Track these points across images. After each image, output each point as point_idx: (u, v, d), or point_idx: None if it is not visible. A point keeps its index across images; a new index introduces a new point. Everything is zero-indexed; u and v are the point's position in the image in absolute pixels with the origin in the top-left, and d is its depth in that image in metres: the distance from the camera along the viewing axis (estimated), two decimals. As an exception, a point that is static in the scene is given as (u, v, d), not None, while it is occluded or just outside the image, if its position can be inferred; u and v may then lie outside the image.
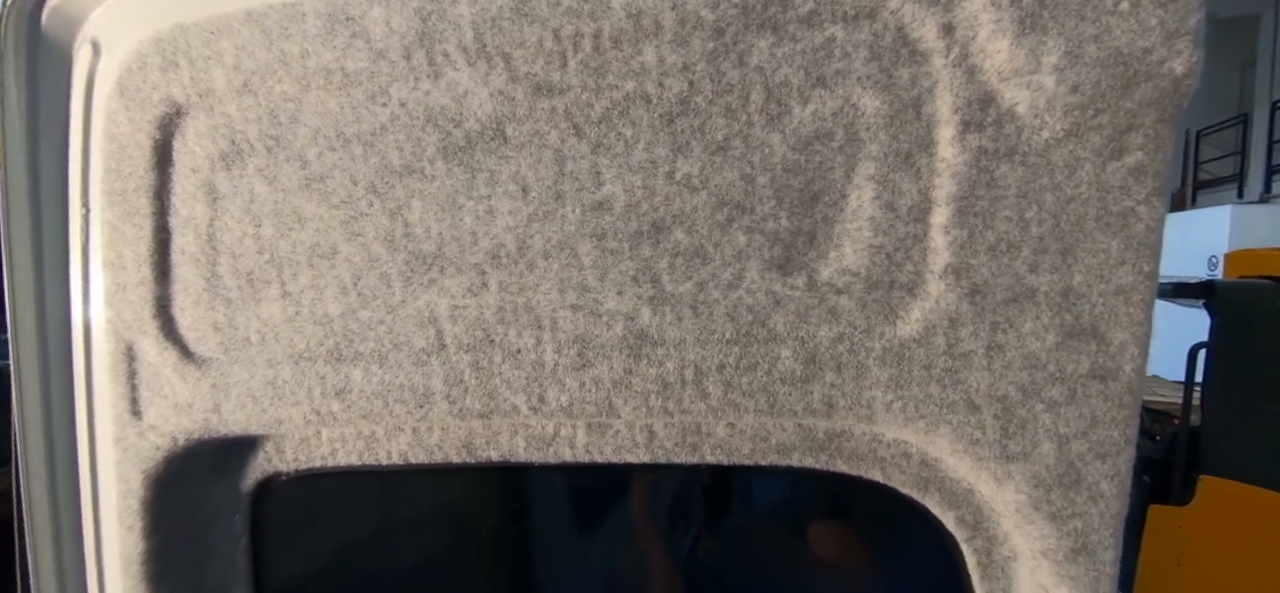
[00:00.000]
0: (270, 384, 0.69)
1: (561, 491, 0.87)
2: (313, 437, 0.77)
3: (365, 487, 0.86)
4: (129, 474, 0.74)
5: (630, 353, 0.61)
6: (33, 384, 0.76)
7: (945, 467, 0.64)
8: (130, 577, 0.77)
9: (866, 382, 0.58)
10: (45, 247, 0.73)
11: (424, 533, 0.91)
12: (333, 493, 0.85)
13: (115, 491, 0.75)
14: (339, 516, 0.88)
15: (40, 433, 0.77)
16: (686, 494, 0.94)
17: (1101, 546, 0.57)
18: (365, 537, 0.88)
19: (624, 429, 0.70)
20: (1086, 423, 0.55)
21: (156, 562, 0.77)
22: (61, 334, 0.74)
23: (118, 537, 0.76)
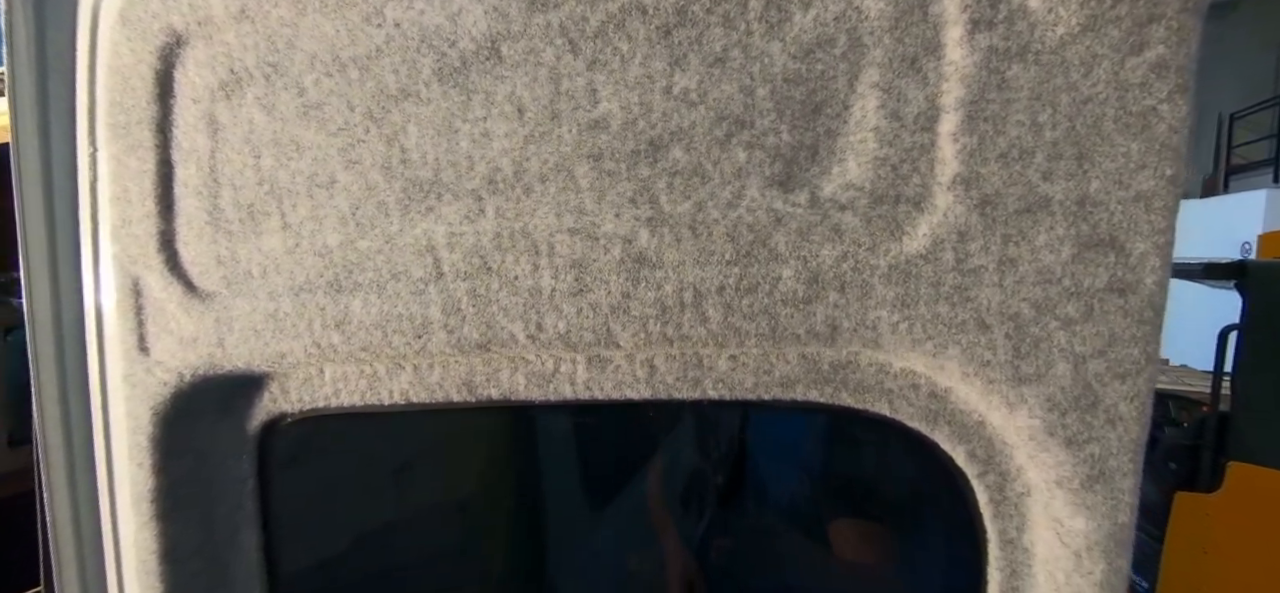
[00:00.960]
0: (271, 317, 0.69)
1: (568, 429, 0.87)
2: (315, 376, 0.77)
3: (370, 431, 0.87)
4: (138, 411, 0.75)
5: (628, 277, 0.60)
6: (46, 326, 0.78)
7: (955, 397, 0.62)
8: (141, 514, 0.78)
9: (871, 302, 0.56)
10: (55, 186, 0.74)
11: (427, 480, 0.92)
12: (338, 435, 0.85)
13: (126, 428, 0.76)
14: (345, 458, 0.88)
15: (54, 373, 0.78)
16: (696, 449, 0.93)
17: (1120, 472, 0.55)
18: (370, 481, 0.89)
19: (624, 364, 0.69)
20: (1104, 341, 0.53)
21: (166, 499, 0.78)
22: (72, 273, 0.75)
23: (129, 474, 0.77)
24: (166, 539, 0.79)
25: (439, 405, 0.76)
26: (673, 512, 1.02)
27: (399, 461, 0.89)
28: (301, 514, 0.88)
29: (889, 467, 0.77)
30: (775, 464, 1.06)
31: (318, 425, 0.83)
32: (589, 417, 0.82)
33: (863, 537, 0.85)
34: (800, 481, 0.99)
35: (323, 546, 0.92)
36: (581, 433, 0.87)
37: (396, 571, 1.07)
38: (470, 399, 0.74)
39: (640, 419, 0.82)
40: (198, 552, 0.82)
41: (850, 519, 0.84)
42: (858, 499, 0.85)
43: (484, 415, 0.84)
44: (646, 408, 0.84)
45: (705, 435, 0.96)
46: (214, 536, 0.84)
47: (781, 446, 0.97)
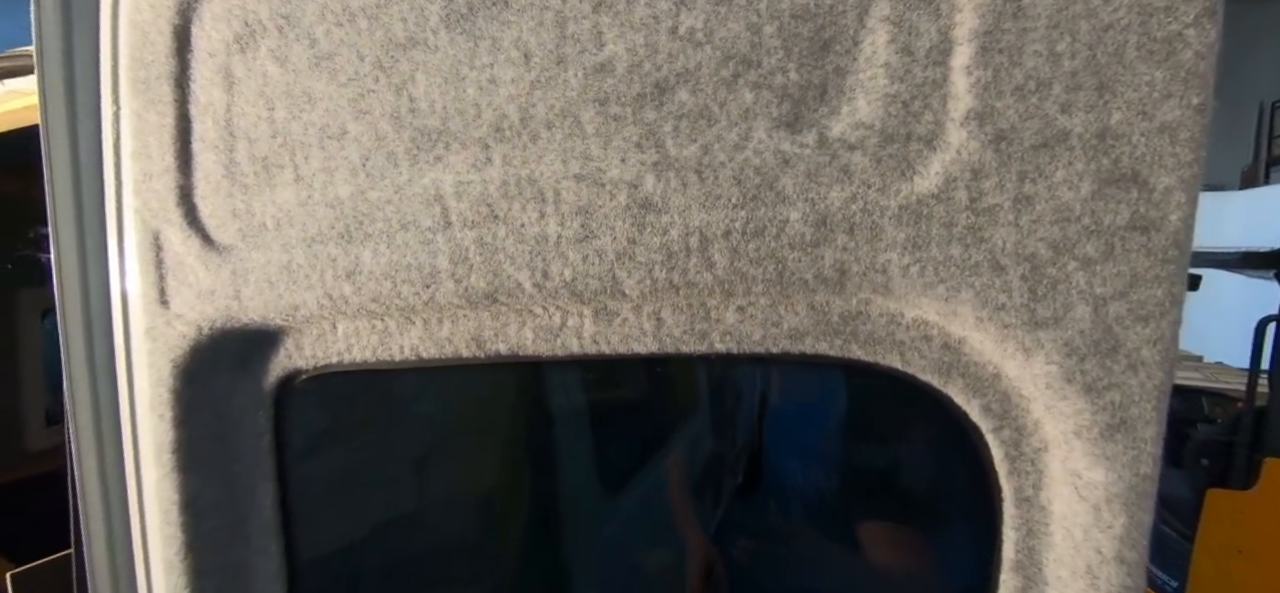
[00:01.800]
0: (285, 269, 0.70)
1: (577, 386, 0.87)
2: (329, 331, 0.78)
3: (383, 389, 0.88)
4: (159, 364, 0.78)
5: (634, 222, 0.60)
6: (73, 284, 0.80)
7: (969, 347, 0.60)
8: (163, 466, 0.80)
9: (881, 244, 0.55)
10: (81, 146, 0.76)
11: (439, 440, 0.93)
12: (352, 392, 0.87)
13: (148, 381, 0.79)
14: (359, 414, 0.90)
15: (81, 329, 0.81)
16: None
17: (1142, 420, 0.53)
18: (384, 437, 0.90)
19: (630, 316, 0.68)
20: (1126, 282, 0.51)
21: (186, 452, 0.80)
22: (97, 230, 0.77)
23: (151, 427, 0.80)
24: (187, 491, 0.81)
25: (448, 361, 0.77)
26: (687, 482, 1.01)
27: (410, 419, 0.90)
28: (317, 471, 0.90)
29: (898, 430, 0.76)
30: (785, 433, 1.05)
31: (332, 382, 0.84)
32: (596, 373, 0.82)
33: (874, 506, 0.84)
34: (811, 453, 0.98)
35: (338, 503, 0.93)
36: (592, 391, 0.87)
37: (412, 535, 1.08)
38: (479, 355, 0.75)
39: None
40: (217, 505, 0.85)
41: (863, 488, 0.82)
42: (870, 467, 0.83)
43: (497, 380, 0.85)
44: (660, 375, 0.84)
45: (718, 402, 0.96)
46: (233, 490, 0.86)
47: (791, 415, 0.96)
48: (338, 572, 0.95)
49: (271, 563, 0.89)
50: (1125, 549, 0.55)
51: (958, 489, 0.72)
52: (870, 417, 0.81)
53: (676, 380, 0.91)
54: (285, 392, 0.85)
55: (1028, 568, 0.63)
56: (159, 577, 0.86)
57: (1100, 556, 0.56)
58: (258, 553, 0.89)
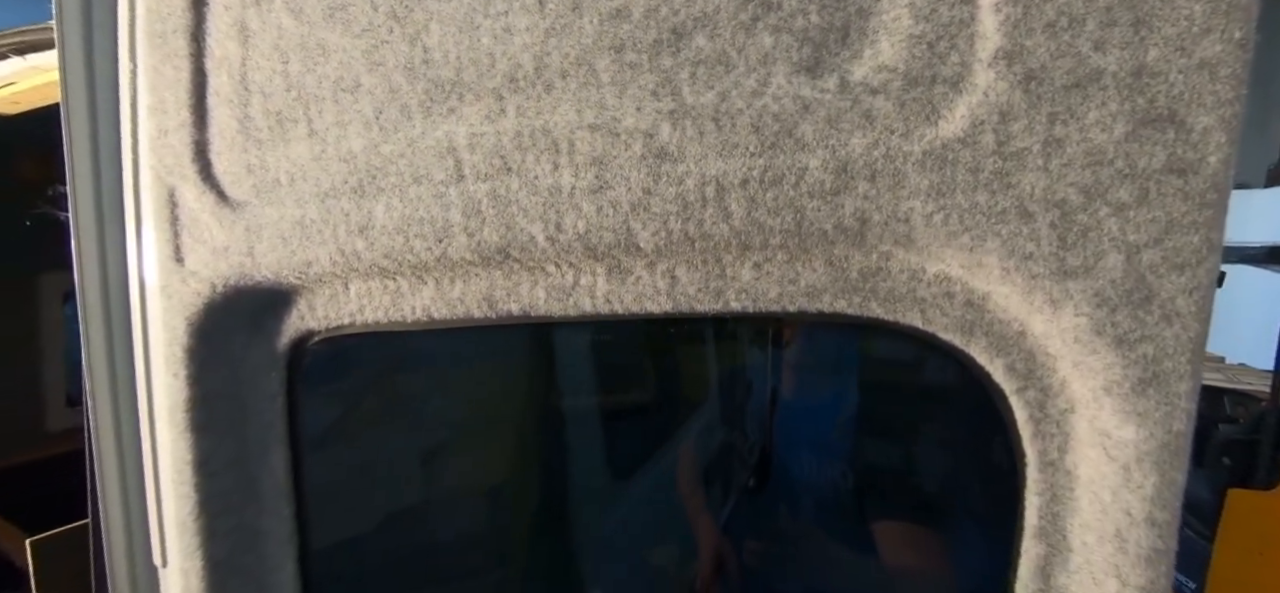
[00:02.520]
0: (298, 225, 0.70)
1: (585, 344, 0.86)
2: (341, 292, 0.78)
3: (396, 352, 0.88)
4: (174, 322, 0.78)
5: (649, 172, 0.59)
6: (91, 242, 0.81)
7: (993, 304, 0.58)
8: (176, 425, 0.81)
9: (904, 191, 0.53)
10: (98, 103, 0.77)
11: (454, 409, 0.93)
12: (364, 354, 0.87)
13: (162, 339, 0.79)
14: (371, 377, 0.90)
15: (98, 289, 0.82)
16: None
17: (1176, 374, 0.51)
18: (396, 400, 0.90)
19: (644, 274, 0.67)
20: (1160, 228, 0.49)
21: (200, 411, 0.81)
22: (114, 186, 0.78)
23: (165, 384, 0.80)
24: (200, 451, 0.82)
25: (460, 322, 0.76)
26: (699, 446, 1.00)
27: (422, 383, 0.90)
28: (330, 436, 0.90)
29: (916, 394, 0.74)
30: (796, 406, 1.04)
31: (344, 344, 0.84)
32: (607, 333, 0.81)
33: (889, 478, 0.82)
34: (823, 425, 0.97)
35: (350, 470, 0.94)
36: (599, 349, 0.87)
37: (424, 510, 1.08)
38: (490, 315, 0.74)
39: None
40: (229, 466, 0.85)
41: (880, 454, 0.81)
42: (887, 432, 0.82)
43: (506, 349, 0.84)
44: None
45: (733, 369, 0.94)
46: (246, 452, 0.86)
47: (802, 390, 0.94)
48: (350, 538, 0.95)
49: (284, 526, 0.90)
50: (1156, 510, 0.53)
51: (977, 455, 0.70)
52: (886, 380, 0.79)
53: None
54: (298, 353, 0.85)
55: (1051, 535, 0.61)
56: (172, 537, 0.86)
57: (1130, 517, 0.54)
58: (270, 516, 0.89)
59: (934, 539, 0.80)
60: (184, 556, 0.85)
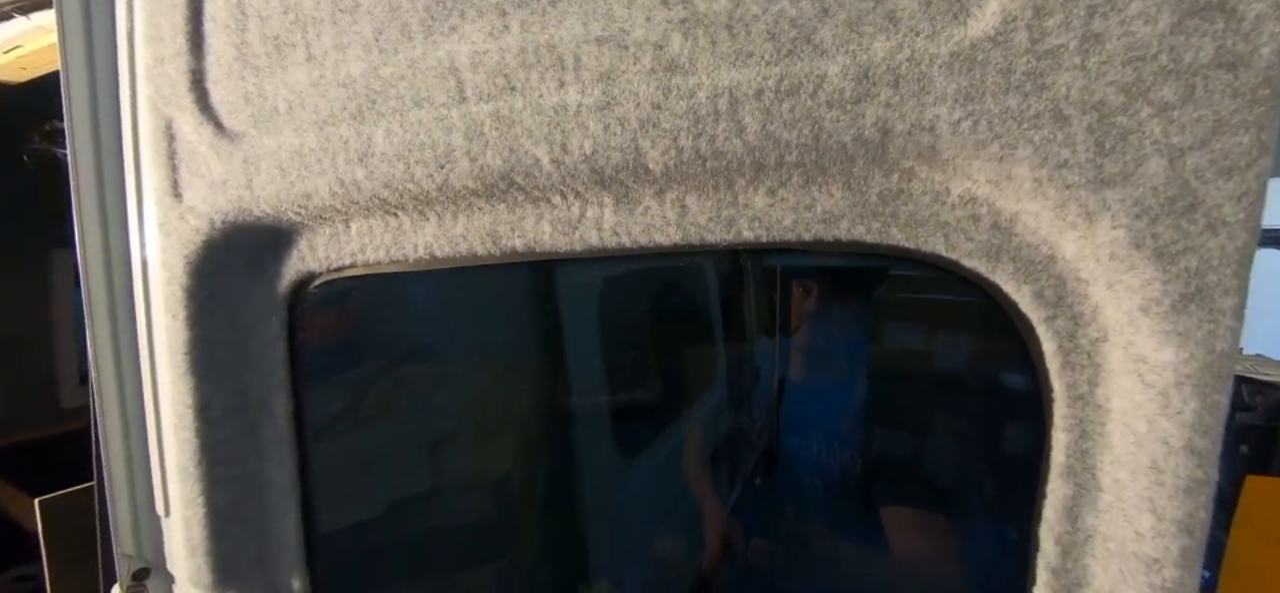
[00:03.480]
0: (297, 154, 0.68)
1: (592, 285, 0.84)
2: (341, 230, 0.76)
3: (399, 296, 0.86)
4: (173, 261, 0.76)
5: (659, 86, 0.56)
6: (89, 181, 0.79)
7: (1021, 226, 0.55)
8: (177, 367, 0.79)
9: (929, 97, 0.50)
10: (95, 34, 0.75)
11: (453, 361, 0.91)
12: (366, 297, 0.85)
13: (161, 279, 0.78)
14: (373, 321, 0.88)
15: (97, 230, 0.80)
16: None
17: (1221, 289, 0.47)
18: (399, 346, 0.88)
19: (653, 204, 0.65)
20: (1207, 129, 0.45)
21: (200, 354, 0.79)
22: (112, 119, 0.76)
23: (165, 326, 0.79)
24: (201, 395, 0.80)
25: (463, 259, 0.74)
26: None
27: (424, 327, 0.88)
28: (330, 383, 0.88)
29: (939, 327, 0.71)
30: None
31: (345, 287, 0.82)
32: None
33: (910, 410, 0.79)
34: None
35: (351, 418, 0.92)
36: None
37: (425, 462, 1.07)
38: (494, 251, 0.72)
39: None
40: (230, 413, 0.84)
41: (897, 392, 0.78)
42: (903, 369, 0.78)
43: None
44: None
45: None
46: (247, 399, 0.85)
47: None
48: (353, 490, 0.94)
49: (286, 475, 0.88)
50: (1196, 437, 0.50)
51: (1001, 391, 0.67)
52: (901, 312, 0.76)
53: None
54: (298, 297, 0.83)
55: (1079, 473, 0.58)
56: (174, 485, 0.85)
57: (1167, 447, 0.51)
58: (273, 464, 0.88)
59: (953, 487, 0.78)
60: (185, 503, 0.84)
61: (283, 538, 0.90)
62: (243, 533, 0.87)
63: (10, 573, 2.47)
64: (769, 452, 2.02)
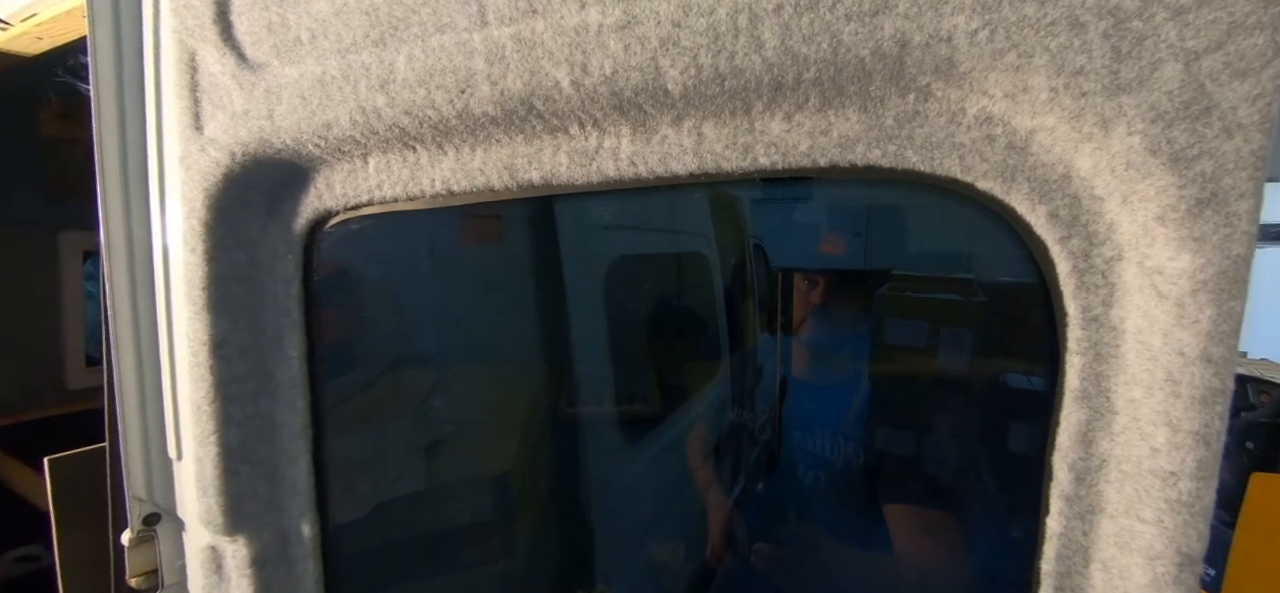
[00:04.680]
0: (319, 82, 0.69)
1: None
2: (360, 166, 0.77)
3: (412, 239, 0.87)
4: (192, 195, 0.77)
5: (679, 4, 0.57)
6: (110, 115, 0.80)
7: (1037, 144, 0.56)
8: (193, 303, 0.80)
9: (947, 7, 0.51)
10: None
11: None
12: (380, 237, 0.85)
13: (181, 213, 0.78)
14: (386, 262, 0.89)
15: (117, 165, 0.81)
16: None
17: (1236, 193, 0.48)
18: (411, 288, 0.89)
19: (670, 132, 0.66)
20: (1222, 31, 0.46)
21: (217, 289, 0.80)
22: (135, 54, 0.77)
23: (183, 261, 0.80)
24: (216, 332, 0.81)
25: (480, 194, 0.75)
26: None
27: (437, 271, 0.88)
28: (344, 318, 0.89)
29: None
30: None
31: (361, 226, 0.83)
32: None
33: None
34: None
35: (363, 360, 0.93)
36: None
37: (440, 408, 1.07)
38: (511, 185, 0.73)
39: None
40: (244, 352, 0.84)
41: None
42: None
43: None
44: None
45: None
46: (261, 339, 0.86)
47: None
48: (365, 434, 0.94)
49: (298, 418, 0.89)
50: (1212, 346, 0.50)
51: (1015, 318, 0.67)
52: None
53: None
54: (314, 237, 0.84)
55: (1094, 397, 0.58)
56: (187, 423, 0.86)
57: (1183, 357, 0.51)
58: (285, 407, 0.88)
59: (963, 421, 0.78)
60: (198, 442, 0.84)
61: (294, 483, 0.90)
62: (254, 475, 0.87)
63: (14, 553, 2.47)
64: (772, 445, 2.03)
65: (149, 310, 0.84)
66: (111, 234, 0.82)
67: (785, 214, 2.34)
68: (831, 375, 2.00)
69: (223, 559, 0.90)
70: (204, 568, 0.90)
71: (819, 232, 2.18)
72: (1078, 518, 0.60)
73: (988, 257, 1.12)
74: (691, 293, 2.70)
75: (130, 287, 0.83)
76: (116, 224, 0.82)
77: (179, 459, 0.92)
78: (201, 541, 0.90)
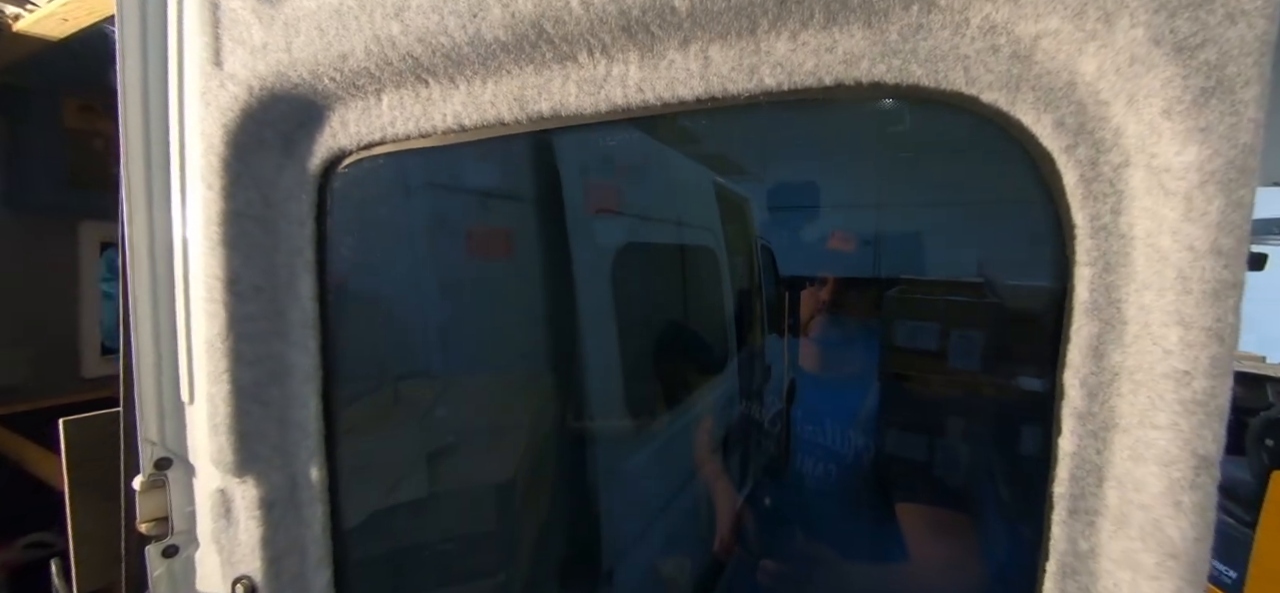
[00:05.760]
0: (335, 12, 0.71)
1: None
2: (373, 103, 0.79)
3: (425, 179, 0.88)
4: (211, 130, 0.79)
5: None
6: (134, 47, 0.83)
7: (1041, 51, 0.56)
8: (210, 238, 0.82)
9: None
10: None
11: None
12: (391, 178, 0.87)
13: (199, 149, 0.80)
14: (398, 204, 0.90)
15: (139, 98, 0.84)
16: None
17: (1241, 79, 0.48)
18: (423, 234, 0.90)
19: (677, 57, 0.67)
20: None
21: (232, 226, 0.82)
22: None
23: (200, 197, 0.81)
24: (230, 268, 0.83)
25: (490, 128, 0.77)
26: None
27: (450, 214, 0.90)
28: (355, 260, 0.90)
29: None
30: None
31: (374, 166, 0.85)
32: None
33: None
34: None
35: (375, 304, 0.94)
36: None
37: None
38: (521, 117, 0.74)
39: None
40: (258, 292, 0.86)
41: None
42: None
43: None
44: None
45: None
46: (274, 279, 0.87)
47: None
48: (375, 377, 0.95)
49: (309, 360, 0.90)
50: (1222, 237, 0.50)
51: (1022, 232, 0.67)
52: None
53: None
54: (328, 177, 0.86)
55: (1104, 309, 0.58)
56: (200, 362, 0.87)
57: (1193, 252, 0.51)
58: (297, 349, 0.90)
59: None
60: (211, 380, 0.85)
61: (303, 426, 0.91)
62: (265, 416, 0.88)
63: (26, 539, 2.49)
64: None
65: (165, 251, 0.86)
66: (131, 173, 0.84)
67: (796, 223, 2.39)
68: (840, 373, 2.00)
69: (232, 503, 0.90)
70: (213, 512, 0.91)
71: (827, 238, 2.21)
72: (1090, 436, 0.59)
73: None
74: (697, 282, 2.70)
75: (148, 223, 0.85)
76: (135, 163, 0.84)
77: (191, 403, 0.93)
78: (211, 484, 0.91)
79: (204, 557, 0.96)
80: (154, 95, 0.82)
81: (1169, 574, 0.54)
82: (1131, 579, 0.56)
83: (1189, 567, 0.53)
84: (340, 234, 0.88)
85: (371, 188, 0.94)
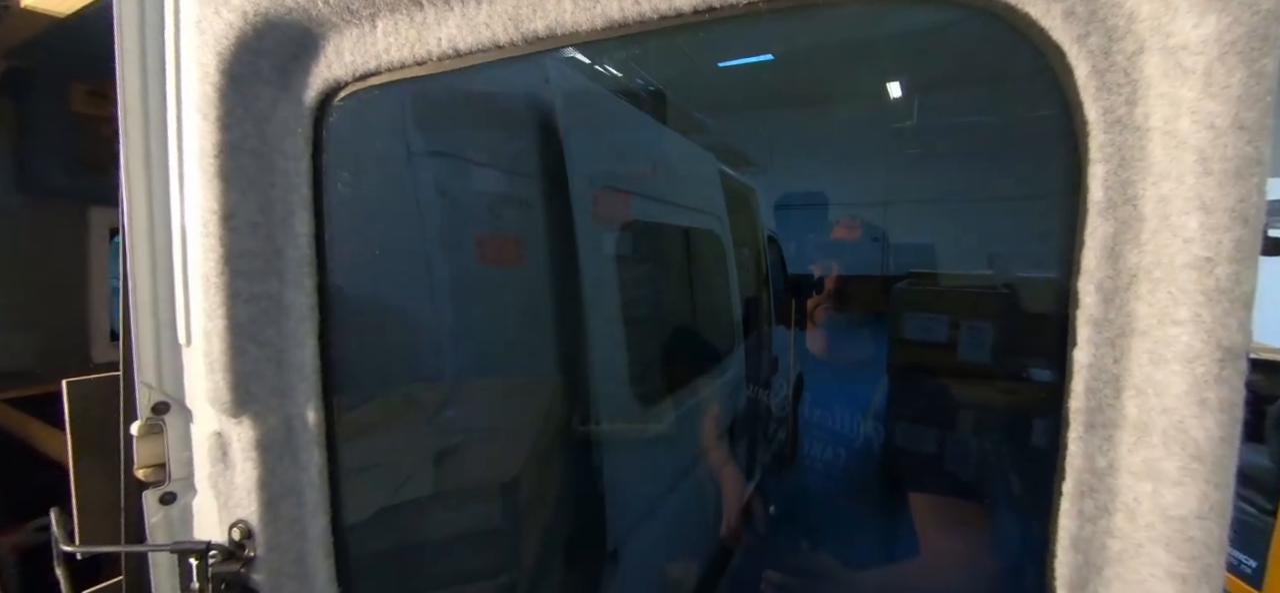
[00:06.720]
0: None
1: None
2: (368, 31, 0.78)
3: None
4: (206, 60, 0.79)
5: None
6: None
7: None
8: (206, 171, 0.81)
9: None
10: None
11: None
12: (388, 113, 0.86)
13: (195, 78, 0.80)
14: (394, 137, 0.89)
15: (135, 25, 0.84)
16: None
17: None
18: (420, 169, 0.89)
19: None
20: None
21: (228, 159, 0.81)
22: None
23: (196, 128, 0.81)
24: (227, 202, 0.82)
25: (486, 51, 0.75)
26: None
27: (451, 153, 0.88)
28: (349, 194, 0.89)
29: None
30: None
31: (368, 100, 0.84)
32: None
33: None
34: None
35: (371, 244, 0.93)
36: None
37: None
38: (516, 38, 0.73)
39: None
40: (255, 227, 0.85)
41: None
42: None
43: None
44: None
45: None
46: (270, 216, 0.86)
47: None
48: (371, 317, 0.94)
49: (305, 300, 0.89)
50: (1244, 111, 0.47)
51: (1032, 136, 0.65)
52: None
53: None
54: (324, 110, 0.85)
55: (1120, 206, 0.55)
56: (197, 298, 0.86)
57: (1214, 130, 0.48)
58: (292, 288, 0.89)
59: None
60: (207, 316, 0.85)
61: (300, 367, 0.90)
62: (262, 356, 0.87)
63: (36, 523, 2.50)
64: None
65: (162, 187, 0.86)
66: (128, 109, 0.84)
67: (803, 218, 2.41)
68: (847, 361, 1.99)
69: (228, 445, 0.90)
70: (210, 455, 0.90)
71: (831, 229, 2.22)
72: (1108, 344, 0.57)
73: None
74: (702, 264, 2.68)
75: (145, 156, 0.84)
76: (132, 95, 0.84)
77: (188, 345, 0.92)
78: (208, 427, 0.90)
79: (201, 503, 0.95)
80: (150, 25, 0.81)
81: (1192, 478, 0.51)
82: (1153, 490, 0.54)
83: (1214, 468, 0.50)
84: (336, 172, 0.87)
85: (369, 126, 0.93)
